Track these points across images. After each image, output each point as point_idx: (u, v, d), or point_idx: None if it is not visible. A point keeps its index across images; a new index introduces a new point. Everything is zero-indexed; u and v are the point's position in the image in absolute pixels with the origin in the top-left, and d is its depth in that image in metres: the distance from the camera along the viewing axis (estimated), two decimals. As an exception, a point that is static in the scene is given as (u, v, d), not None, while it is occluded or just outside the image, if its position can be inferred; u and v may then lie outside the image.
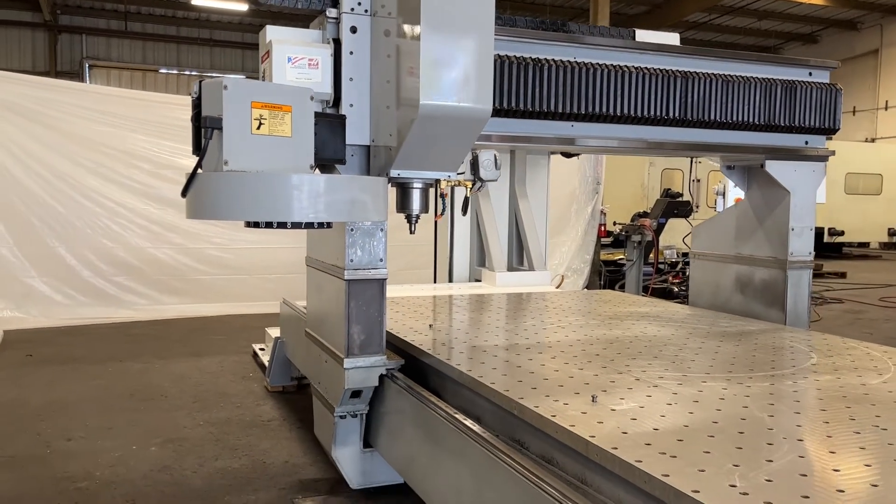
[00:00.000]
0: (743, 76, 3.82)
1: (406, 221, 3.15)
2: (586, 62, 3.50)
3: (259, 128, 2.55)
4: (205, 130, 2.54)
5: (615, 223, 10.58)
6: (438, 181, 3.07)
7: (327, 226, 2.69)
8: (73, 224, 7.82)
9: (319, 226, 2.64)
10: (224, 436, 4.26)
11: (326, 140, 2.87)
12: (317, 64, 2.90)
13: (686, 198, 9.41)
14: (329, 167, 3.04)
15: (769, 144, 4.01)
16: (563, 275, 8.13)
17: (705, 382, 2.75)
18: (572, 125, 3.49)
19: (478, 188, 3.29)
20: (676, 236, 8.87)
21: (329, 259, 3.31)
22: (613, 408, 2.39)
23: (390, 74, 2.87)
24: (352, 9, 2.98)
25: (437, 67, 2.63)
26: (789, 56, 25.65)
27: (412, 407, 2.98)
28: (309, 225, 2.60)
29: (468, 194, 3.37)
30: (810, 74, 4.03)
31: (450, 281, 6.19)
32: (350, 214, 2.72)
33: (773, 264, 4.27)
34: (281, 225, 2.55)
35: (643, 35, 3.72)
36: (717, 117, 3.75)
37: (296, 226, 2.58)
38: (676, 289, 9.31)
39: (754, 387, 2.70)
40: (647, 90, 3.58)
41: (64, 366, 5.87)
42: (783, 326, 4.07)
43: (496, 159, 3.23)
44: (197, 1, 18.95)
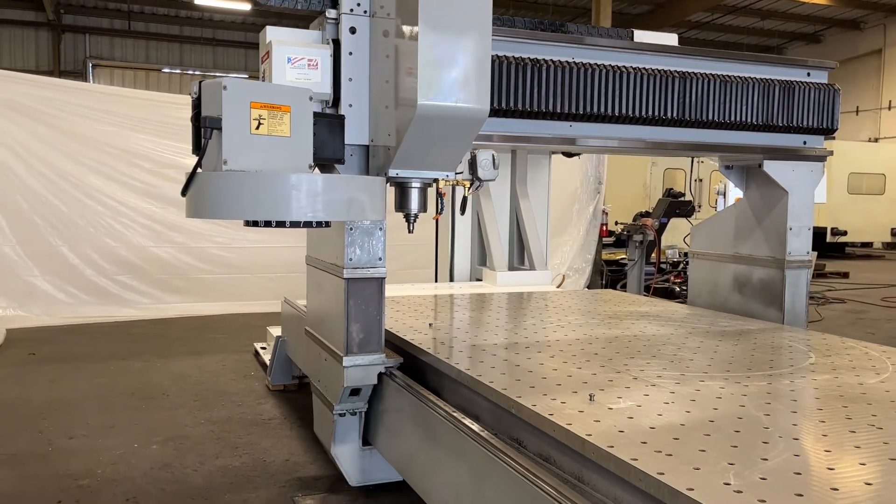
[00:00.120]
0: (741, 76, 3.83)
1: (405, 221, 3.17)
2: (585, 62, 3.51)
3: (258, 128, 2.57)
4: (204, 130, 2.56)
5: (617, 223, 10.58)
6: (437, 181, 3.09)
7: (325, 225, 2.72)
8: (76, 223, 7.84)
9: (318, 225, 2.66)
10: (225, 434, 4.28)
11: (325, 140, 2.89)
12: (316, 64, 2.91)
13: (688, 198, 9.39)
14: (328, 167, 3.05)
15: (767, 144, 4.02)
16: (564, 274, 8.14)
17: (703, 381, 2.75)
18: (570, 125, 3.50)
19: (476, 188, 3.30)
20: (678, 236, 8.86)
21: (328, 258, 3.33)
22: (611, 406, 2.39)
23: (389, 75, 2.88)
24: (351, 10, 3.00)
25: (435, 67, 2.64)
26: (790, 56, 25.65)
27: (411, 405, 2.99)
28: (307, 224, 2.62)
29: (466, 194, 3.38)
30: (808, 75, 4.04)
31: (451, 280, 6.19)
32: (348, 214, 2.74)
33: (772, 264, 4.27)
34: (280, 224, 2.57)
35: (641, 35, 3.73)
36: (716, 117, 3.76)
37: (294, 225, 2.60)
38: (678, 288, 9.30)
39: (752, 386, 2.70)
40: (646, 90, 3.59)
41: (66, 364, 5.89)
42: (782, 326, 4.07)
43: (494, 159, 3.24)
44: (200, 0, 18.97)
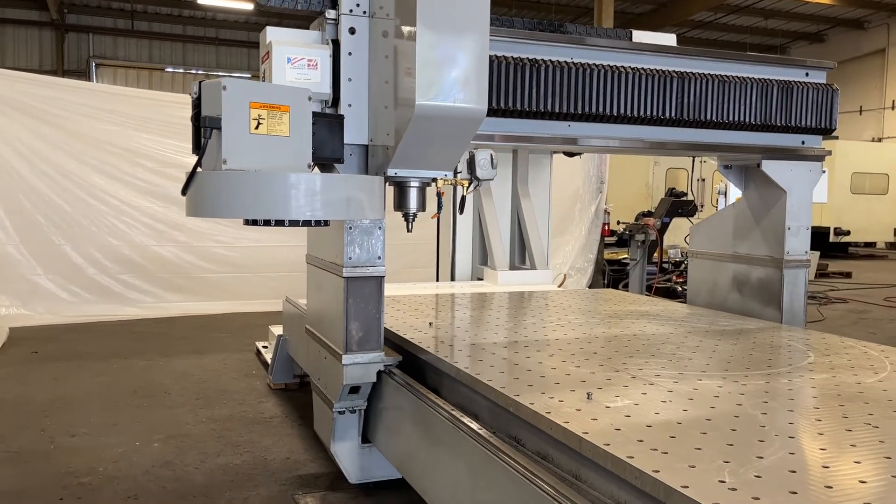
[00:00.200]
0: (739, 76, 3.83)
1: (403, 220, 3.18)
2: (583, 62, 3.51)
3: (257, 127, 2.59)
4: (204, 130, 2.57)
5: (619, 222, 10.57)
6: (435, 180, 3.10)
7: (324, 223, 2.73)
8: (79, 222, 7.87)
9: (316, 223, 2.68)
10: (226, 432, 4.29)
11: (325, 139, 2.91)
12: (316, 64, 2.93)
13: (690, 197, 9.38)
14: (328, 166, 3.06)
15: (766, 144, 4.02)
16: (566, 274, 8.15)
17: (701, 380, 2.75)
18: (569, 125, 3.51)
19: (474, 187, 3.31)
20: (681, 236, 8.85)
21: (328, 257, 3.34)
22: (608, 405, 2.39)
23: (388, 75, 2.90)
24: (350, 10, 3.01)
25: (434, 68, 2.65)
26: (793, 55, 25.61)
27: (409, 403, 3.01)
28: (306, 223, 2.64)
29: (465, 193, 3.40)
30: (807, 75, 4.04)
31: (452, 279, 6.21)
32: (346, 212, 2.76)
33: (770, 263, 4.28)
34: (279, 223, 2.59)
35: (640, 36, 3.74)
36: (714, 117, 3.77)
37: (293, 224, 2.62)
38: (680, 288, 9.30)
39: (749, 385, 2.70)
40: (644, 90, 3.60)
41: (69, 363, 5.91)
42: (782, 325, 4.07)
43: (492, 158, 3.26)
44: (203, 0, 19.01)
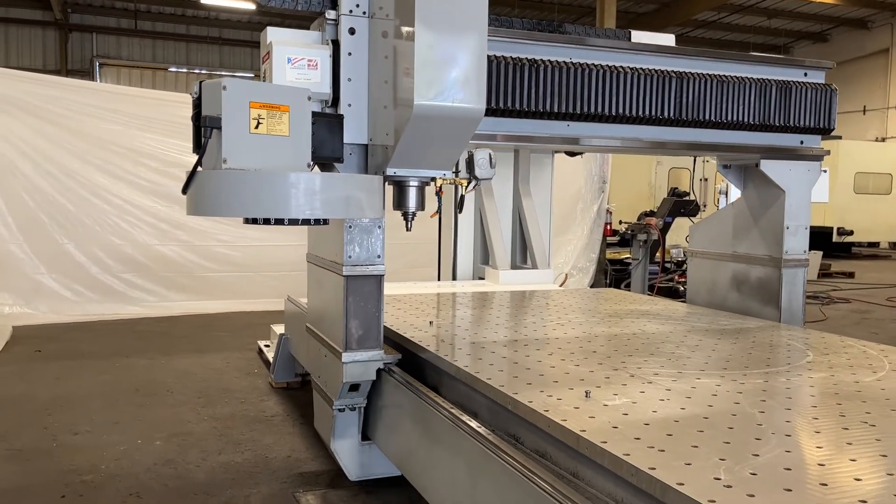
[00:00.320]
0: (738, 76, 3.84)
1: (402, 219, 3.19)
2: (582, 63, 3.53)
3: (257, 127, 2.60)
4: (204, 129, 2.59)
5: (621, 222, 10.57)
6: (434, 179, 3.12)
7: (324, 222, 2.75)
8: (82, 221, 7.89)
9: (316, 222, 2.70)
10: (228, 431, 4.31)
11: (324, 139, 2.92)
12: (316, 65, 2.94)
13: (692, 197, 9.37)
14: (329, 165, 3.08)
15: (764, 144, 4.03)
16: (567, 273, 8.15)
17: (699, 379, 2.76)
18: (568, 125, 3.52)
19: (473, 186, 3.33)
20: (683, 235, 8.83)
21: (328, 255, 3.36)
22: (606, 403, 2.40)
23: (388, 75, 2.91)
24: (350, 11, 3.02)
25: (432, 68, 2.67)
26: (796, 55, 25.56)
27: (409, 401, 3.02)
28: (305, 221, 2.67)
29: (464, 192, 3.42)
30: (805, 75, 4.05)
31: (453, 279, 6.22)
32: (345, 211, 2.78)
33: (769, 262, 4.29)
34: (278, 221, 2.61)
35: (639, 36, 3.75)
36: (713, 117, 3.78)
37: (293, 222, 2.64)
38: (682, 288, 9.29)
39: (748, 383, 2.71)
40: (643, 90, 3.61)
41: (71, 361, 5.94)
42: (782, 324, 4.07)
43: (491, 158, 3.27)
44: (206, 0, 19.05)
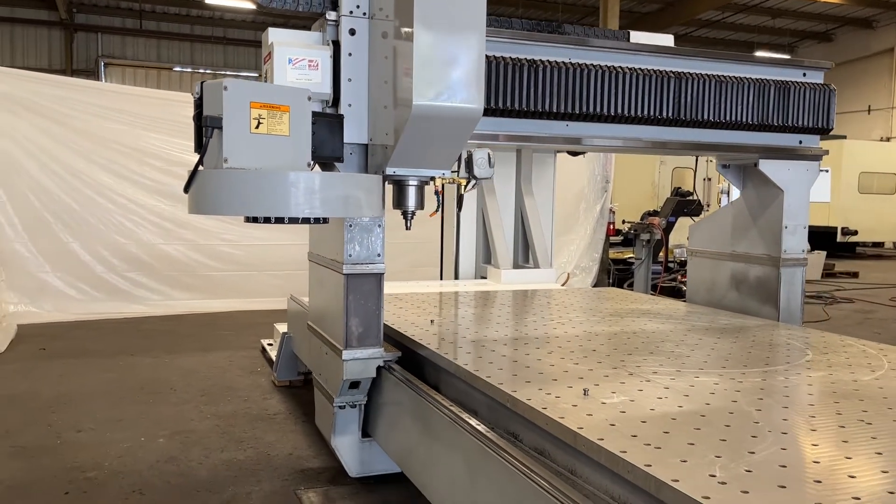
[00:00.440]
0: (737, 77, 3.85)
1: (402, 218, 3.21)
2: (581, 63, 3.54)
3: (258, 127, 2.63)
4: (206, 129, 2.62)
5: (624, 221, 10.56)
6: (434, 178, 3.14)
7: (323, 221, 2.78)
8: (87, 220, 7.92)
9: (315, 221, 2.73)
10: (230, 428, 4.34)
11: (325, 139, 2.95)
12: (316, 65, 2.96)
13: (696, 196, 9.36)
14: (329, 165, 3.10)
15: (763, 144, 4.03)
16: (569, 273, 8.16)
17: (698, 377, 2.77)
18: (567, 125, 3.53)
19: (472, 186, 3.35)
20: (686, 235, 8.84)
21: (329, 254, 3.38)
22: (604, 401, 2.41)
23: (388, 75, 2.93)
24: (350, 12, 3.04)
25: (431, 68, 2.68)
26: (797, 55, 25.49)
27: (408, 399, 3.04)
28: (305, 220, 2.69)
29: (463, 192, 3.44)
30: (804, 75, 4.05)
31: (456, 278, 6.23)
32: (344, 210, 2.80)
33: (768, 262, 4.30)
34: (278, 220, 2.64)
35: (638, 36, 3.77)
36: (711, 117, 3.78)
37: (293, 221, 2.66)
38: (685, 287, 9.27)
39: (746, 382, 2.72)
40: (642, 90, 3.62)
41: (76, 359, 5.97)
42: (782, 324, 4.07)
43: (490, 157, 3.29)
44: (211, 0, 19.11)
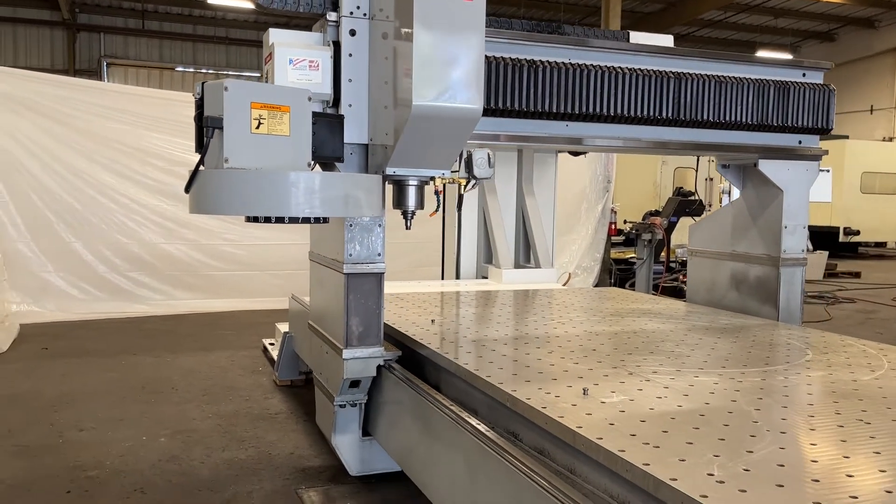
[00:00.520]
0: (736, 77, 3.85)
1: (402, 218, 3.22)
2: (581, 63, 3.54)
3: (258, 127, 2.64)
4: (207, 129, 2.63)
5: (626, 221, 10.56)
6: (433, 178, 3.15)
7: (324, 221, 2.79)
8: (89, 220, 7.94)
9: (315, 220, 2.74)
10: (232, 428, 4.35)
11: (325, 139, 2.96)
12: (317, 65, 2.98)
13: (698, 197, 9.34)
14: (330, 165, 3.12)
15: (763, 144, 4.04)
16: (570, 272, 8.16)
17: (697, 377, 2.77)
18: (567, 125, 3.54)
19: (472, 186, 3.36)
20: (687, 235, 8.83)
21: (329, 254, 3.39)
22: (604, 400, 2.42)
23: (388, 76, 2.94)
24: (351, 12, 3.05)
25: (430, 69, 2.70)
26: (799, 55, 25.45)
27: (408, 398, 3.05)
28: (305, 219, 2.70)
29: (463, 192, 3.45)
30: (804, 75, 4.05)
31: (457, 278, 6.24)
32: (344, 210, 2.82)
33: (767, 262, 4.30)
34: (279, 220, 2.65)
35: (637, 37, 3.78)
36: (711, 117, 3.79)
37: (293, 220, 2.68)
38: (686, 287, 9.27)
39: (745, 381, 2.72)
40: (641, 91, 3.62)
41: (78, 359, 5.99)
42: (782, 323, 4.08)
43: (489, 157, 3.30)
44: None
